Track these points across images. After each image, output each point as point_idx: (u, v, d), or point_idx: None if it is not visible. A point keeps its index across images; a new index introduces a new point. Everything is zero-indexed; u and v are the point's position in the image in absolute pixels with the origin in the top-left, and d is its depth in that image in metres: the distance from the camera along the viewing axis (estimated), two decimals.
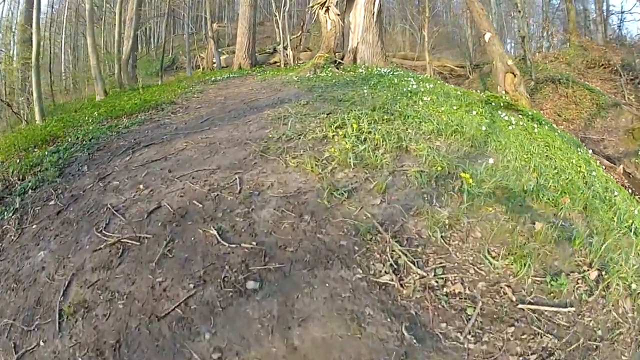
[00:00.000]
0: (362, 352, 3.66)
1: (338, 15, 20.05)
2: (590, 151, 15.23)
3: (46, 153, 9.67)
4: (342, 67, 19.23)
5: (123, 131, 10.80)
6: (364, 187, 5.93)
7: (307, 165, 6.43)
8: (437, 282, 4.38)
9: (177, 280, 4.50)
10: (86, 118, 13.71)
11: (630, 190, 15.78)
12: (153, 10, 49.69)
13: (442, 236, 4.94)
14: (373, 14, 20.50)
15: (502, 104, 14.19)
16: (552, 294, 4.37)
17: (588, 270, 4.72)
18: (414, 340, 3.77)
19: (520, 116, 13.86)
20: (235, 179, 6.31)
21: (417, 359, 3.64)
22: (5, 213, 6.83)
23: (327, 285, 4.29)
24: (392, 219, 5.25)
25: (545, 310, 4.17)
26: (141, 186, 6.62)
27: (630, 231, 6.12)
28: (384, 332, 3.84)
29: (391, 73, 17.53)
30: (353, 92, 12.28)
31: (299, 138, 7.75)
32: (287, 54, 28.28)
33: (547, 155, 9.72)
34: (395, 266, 4.53)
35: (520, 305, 4.17)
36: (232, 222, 5.29)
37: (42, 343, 4.23)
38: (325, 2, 19.99)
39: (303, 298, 4.16)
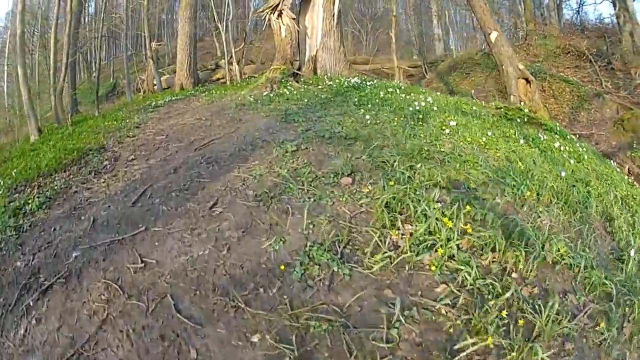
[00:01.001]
0: None
1: (293, 19, 16.58)
2: None
3: None
4: (302, 79, 15.76)
5: (25, 228, 7.30)
6: None
7: None
8: None
9: None
10: None
11: None
12: (93, 32, 45.04)
13: None
14: (333, 16, 17.22)
15: (525, 119, 11.76)
16: None
17: None
18: None
19: (547, 133, 11.43)
20: None
21: None
22: None
23: None
24: None
25: None
26: None
27: None
28: None
29: (364, 83, 14.54)
30: (347, 118, 9.87)
31: (340, 261, 4.74)
32: (232, 69, 24.48)
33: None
34: None
35: None
36: None
37: None
38: (277, 5, 16.47)
39: None
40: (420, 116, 9.57)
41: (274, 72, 15.70)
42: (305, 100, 12.41)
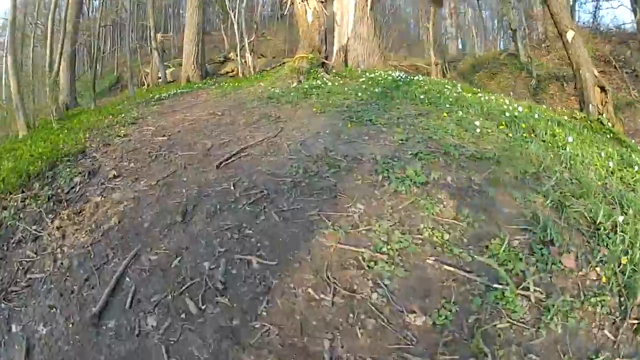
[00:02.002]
0: None
1: (321, 2, 13.58)
2: None
3: None
4: (333, 71, 12.81)
5: None
6: None
7: None
8: None
9: None
10: None
11: None
12: (97, 21, 41.84)
13: None
14: (367, 1, 14.12)
15: (608, 134, 10.24)
16: None
17: None
18: None
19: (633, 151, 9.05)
20: None
21: None
22: None
23: None
24: None
25: None
26: None
27: None
28: None
29: (409, 78, 11.88)
30: (443, 122, 7.43)
31: None
32: (245, 61, 21.44)
33: None
34: None
35: None
36: None
37: None
38: None
39: None
40: (523, 125, 7.42)
41: (299, 61, 12.76)
42: (354, 94, 9.62)
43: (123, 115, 11.39)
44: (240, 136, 7.21)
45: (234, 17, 21.96)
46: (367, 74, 12.22)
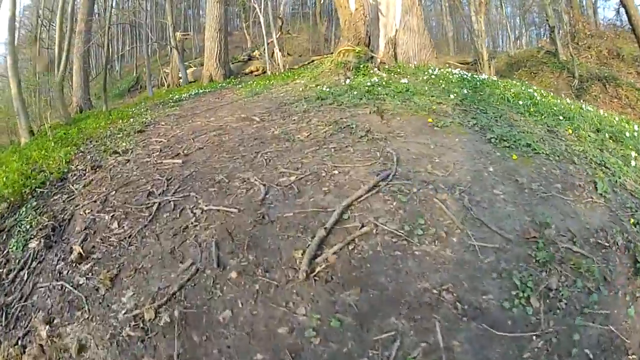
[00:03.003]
0: None
1: None
2: None
3: None
4: (385, 67, 10.32)
5: None
6: None
7: None
8: None
9: None
10: None
11: None
12: (107, 20, 39.46)
13: None
14: None
15: None
16: None
17: None
18: None
19: None
20: None
21: None
22: None
23: None
24: None
25: None
26: None
27: None
28: None
29: (474, 77, 9.97)
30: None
31: None
32: (274, 59, 18.97)
33: None
34: None
35: None
36: None
37: None
38: None
39: None
40: None
41: (344, 55, 10.31)
42: (441, 95, 7.24)
43: (132, 120, 9.09)
44: (317, 168, 4.63)
45: (260, 11, 19.45)
46: (426, 70, 9.75)
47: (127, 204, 4.54)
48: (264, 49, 19.71)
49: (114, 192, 4.88)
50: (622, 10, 21.60)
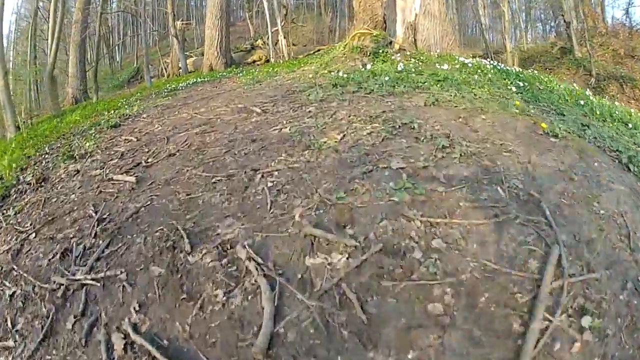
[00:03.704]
0: None
1: None
2: None
3: None
4: (406, 53, 8.75)
5: None
6: None
7: None
8: None
9: None
10: None
11: None
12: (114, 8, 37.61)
13: None
14: None
15: None
16: None
17: None
18: None
19: None
20: None
21: None
22: None
23: None
24: None
25: None
26: None
27: None
28: None
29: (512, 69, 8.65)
30: None
31: None
32: (279, 47, 17.40)
33: None
34: None
35: None
36: None
37: None
38: None
39: None
40: None
41: (361, 39, 8.75)
42: (490, 87, 5.65)
43: (115, 112, 7.61)
44: (388, 228, 2.58)
45: None
46: (452, 59, 8.20)
47: (32, 274, 2.94)
48: (268, 38, 18.09)
49: (33, 234, 3.38)
50: (631, 10, 20.48)
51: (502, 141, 3.57)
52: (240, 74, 11.74)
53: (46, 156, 5.24)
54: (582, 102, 5.82)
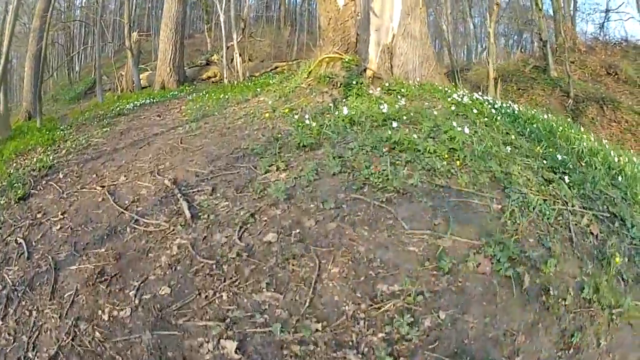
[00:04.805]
0: None
1: None
2: None
3: None
4: (384, 84, 7.16)
5: None
6: None
7: None
8: None
9: None
10: None
11: None
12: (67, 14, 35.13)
13: None
14: None
15: None
16: None
17: None
18: None
19: None
20: None
21: None
22: None
23: None
24: None
25: None
26: None
27: None
28: None
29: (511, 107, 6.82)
30: None
31: None
32: (234, 65, 15.77)
33: None
34: None
35: None
36: None
37: None
38: None
39: None
40: None
41: (330, 65, 7.18)
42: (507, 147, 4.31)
43: (37, 157, 5.91)
44: None
45: (221, 9, 16.13)
46: (435, 91, 6.70)
47: None
48: (222, 56, 16.38)
49: None
50: (606, 24, 19.52)
51: None
52: (190, 97, 10.27)
53: None
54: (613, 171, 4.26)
